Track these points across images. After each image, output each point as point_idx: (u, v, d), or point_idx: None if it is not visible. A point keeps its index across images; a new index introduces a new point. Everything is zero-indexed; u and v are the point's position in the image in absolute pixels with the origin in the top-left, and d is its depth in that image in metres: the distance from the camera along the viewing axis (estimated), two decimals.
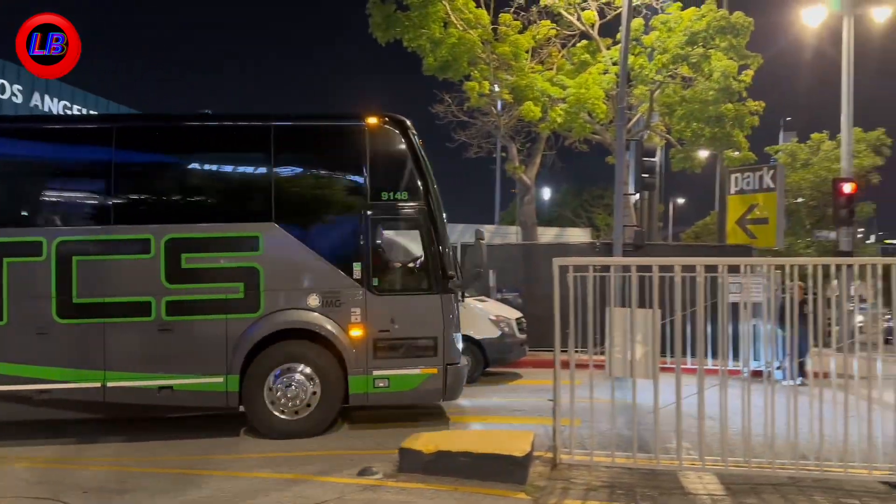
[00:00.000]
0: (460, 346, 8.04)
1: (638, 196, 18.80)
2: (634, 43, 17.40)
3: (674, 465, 6.18)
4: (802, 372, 7.70)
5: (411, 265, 7.97)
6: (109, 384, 7.24)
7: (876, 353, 6.19)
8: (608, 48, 18.26)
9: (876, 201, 31.66)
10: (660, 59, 17.39)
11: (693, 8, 17.57)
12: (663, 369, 6.29)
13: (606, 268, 6.53)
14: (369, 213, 7.78)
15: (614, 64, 17.20)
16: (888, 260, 5.96)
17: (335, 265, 7.60)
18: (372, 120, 7.98)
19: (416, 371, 7.53)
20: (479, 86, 17.75)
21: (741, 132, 17.87)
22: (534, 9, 18.34)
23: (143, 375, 7.35)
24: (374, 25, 17.37)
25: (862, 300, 6.39)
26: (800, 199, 29.10)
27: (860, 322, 6.84)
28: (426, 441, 6.48)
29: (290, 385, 7.48)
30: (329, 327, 7.46)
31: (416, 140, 8.04)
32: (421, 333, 7.63)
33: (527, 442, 6.42)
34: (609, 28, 18.64)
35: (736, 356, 7.06)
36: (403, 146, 7.99)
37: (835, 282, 6.47)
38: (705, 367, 6.19)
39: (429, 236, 7.85)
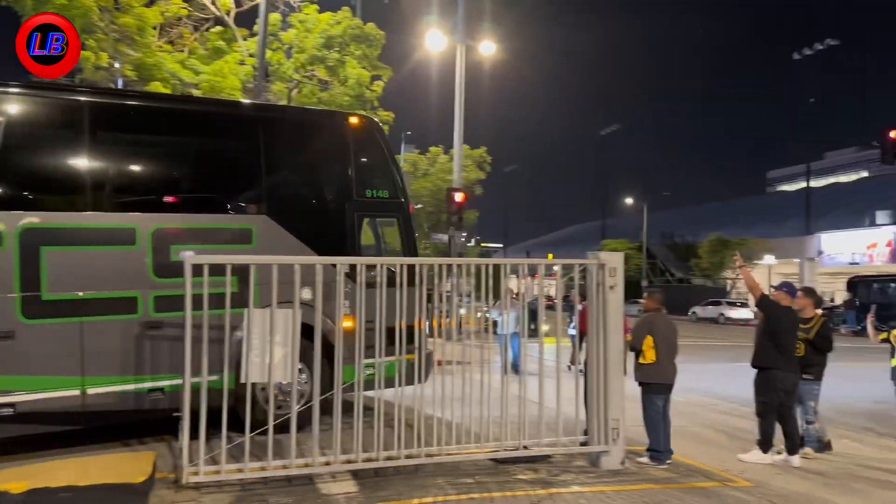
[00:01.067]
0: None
1: None
2: (272, 38, 17.15)
3: (308, 469, 6.03)
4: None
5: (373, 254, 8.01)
6: (90, 391, 6.36)
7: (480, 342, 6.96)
8: (245, 39, 17.67)
9: (478, 210, 36.75)
10: (298, 58, 17.43)
11: (329, 13, 18.02)
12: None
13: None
14: (355, 207, 8.03)
15: (251, 56, 16.72)
16: (500, 261, 6.72)
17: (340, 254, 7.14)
18: (353, 119, 8.66)
19: (399, 358, 6.81)
20: (95, 57, 15.54)
21: None
22: None
23: (130, 378, 6.65)
24: None
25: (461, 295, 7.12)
26: (420, 205, 32.18)
27: (462, 314, 7.65)
28: (15, 477, 5.26)
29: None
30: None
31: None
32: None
33: (147, 464, 5.66)
34: (246, 18, 18.11)
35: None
36: (381, 145, 8.54)
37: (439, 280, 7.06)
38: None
39: (406, 230, 8.38)
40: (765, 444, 7.35)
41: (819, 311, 7.96)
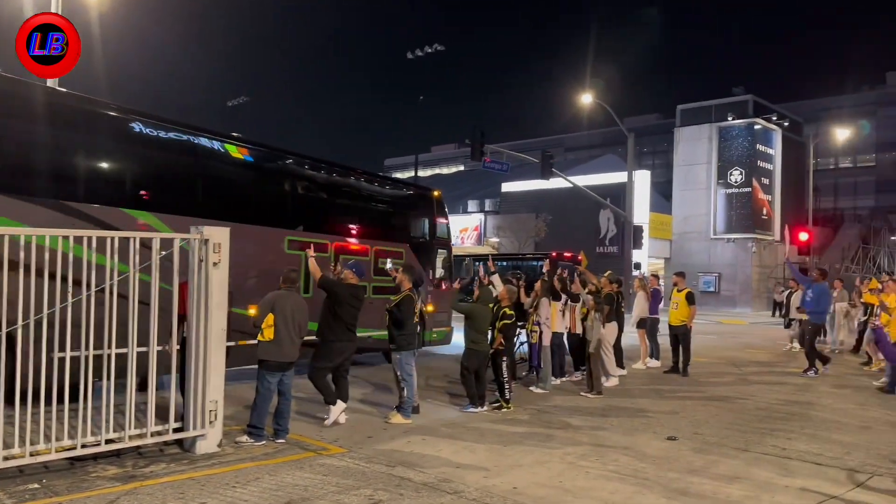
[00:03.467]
0: None
1: None
2: None
3: None
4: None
5: (444, 271, 15.38)
6: (360, 335, 9.12)
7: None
8: None
9: None
10: None
11: None
12: None
13: None
14: (434, 243, 15.32)
15: None
16: (89, 232, 5.86)
17: (425, 269, 14.24)
18: (435, 192, 15.80)
19: (445, 329, 15.00)
20: None
21: None
22: None
23: (364, 330, 9.89)
24: None
25: None
26: None
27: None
28: None
29: None
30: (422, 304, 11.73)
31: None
32: (446, 308, 14.57)
33: None
34: None
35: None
36: (444, 207, 15.93)
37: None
38: None
39: (450, 257, 15.82)
40: (337, 406, 8.01)
41: (409, 287, 8.78)
